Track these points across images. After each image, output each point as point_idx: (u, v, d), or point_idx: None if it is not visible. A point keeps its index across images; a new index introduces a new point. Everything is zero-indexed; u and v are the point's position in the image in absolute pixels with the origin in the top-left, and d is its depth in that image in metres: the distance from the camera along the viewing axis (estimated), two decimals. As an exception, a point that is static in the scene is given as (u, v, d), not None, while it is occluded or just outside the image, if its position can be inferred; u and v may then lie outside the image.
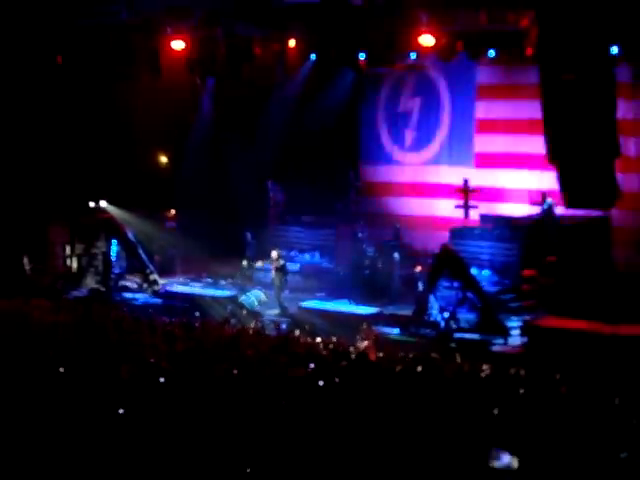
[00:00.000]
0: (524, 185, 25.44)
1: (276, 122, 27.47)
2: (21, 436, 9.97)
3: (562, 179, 19.63)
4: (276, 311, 22.98)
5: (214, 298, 23.04)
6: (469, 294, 20.52)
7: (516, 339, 19.54)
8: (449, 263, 20.78)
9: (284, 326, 20.33)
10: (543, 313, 20.14)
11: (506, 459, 9.07)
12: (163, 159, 28.22)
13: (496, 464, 9.01)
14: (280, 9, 23.12)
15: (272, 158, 27.55)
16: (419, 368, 13.74)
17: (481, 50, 23.06)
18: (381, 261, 24.83)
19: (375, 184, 28.49)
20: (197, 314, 20.78)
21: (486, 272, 23.40)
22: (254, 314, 22.45)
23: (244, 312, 22.09)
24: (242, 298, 23.40)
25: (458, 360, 16.19)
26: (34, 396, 10.97)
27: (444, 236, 24.49)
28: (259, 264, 24.69)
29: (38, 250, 24.98)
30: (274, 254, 24.15)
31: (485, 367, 14.55)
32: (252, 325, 19.90)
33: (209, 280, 25.42)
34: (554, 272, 20.89)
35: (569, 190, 19.50)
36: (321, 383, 11.82)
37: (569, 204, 20.21)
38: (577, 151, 18.48)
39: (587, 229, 21.86)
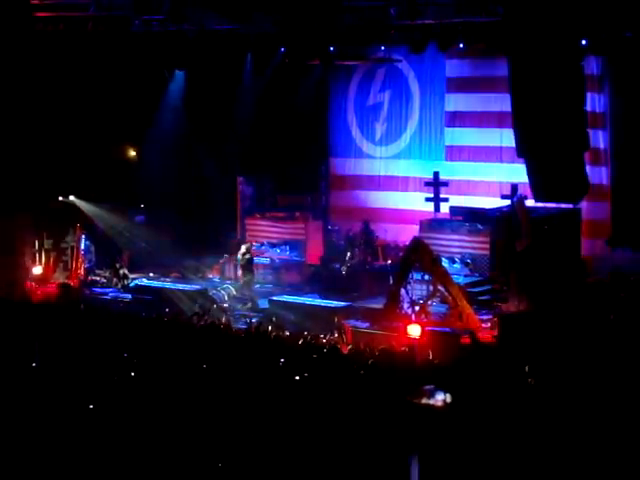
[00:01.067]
0: (494, 178, 25.45)
1: (246, 116, 27.36)
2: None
3: (531, 173, 19.66)
4: (246, 305, 22.99)
5: (184, 292, 22.80)
6: (440, 287, 20.43)
7: (486, 331, 19.57)
8: (420, 256, 20.67)
9: (254, 320, 20.19)
10: (512, 304, 20.01)
11: (440, 396, 9.20)
12: (132, 153, 28.05)
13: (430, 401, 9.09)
14: (249, 1, 23.00)
15: (241, 152, 27.56)
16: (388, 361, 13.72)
17: (451, 42, 22.94)
18: (351, 255, 24.73)
19: (345, 177, 28.30)
20: (167, 310, 20.64)
21: (457, 265, 23.31)
22: (224, 308, 22.52)
23: (214, 306, 21.99)
24: (212, 292, 23.45)
25: (430, 354, 16.24)
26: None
27: (415, 229, 24.34)
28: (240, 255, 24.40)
29: (5, 245, 24.51)
30: (243, 248, 24.12)
31: (455, 359, 14.56)
32: (222, 319, 19.80)
33: (179, 274, 25.43)
34: (522, 264, 20.62)
35: (537, 184, 19.50)
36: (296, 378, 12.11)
37: (537, 198, 20.25)
38: (546, 144, 18.43)
39: (558, 221, 21.70)
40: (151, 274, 25.45)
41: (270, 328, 18.23)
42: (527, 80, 18.88)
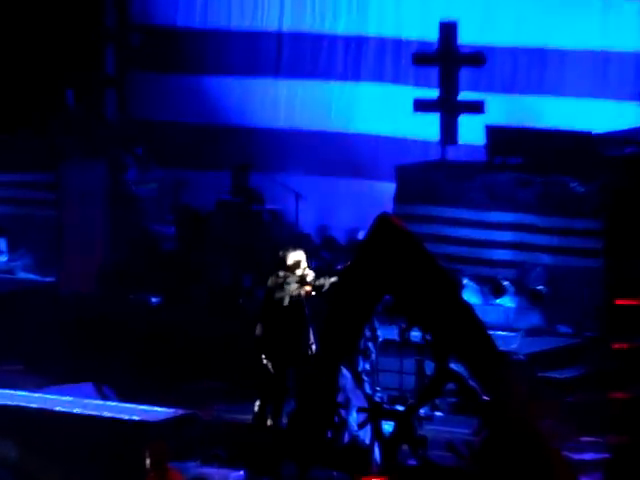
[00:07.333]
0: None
1: None
2: None
3: None
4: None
5: None
6: (453, 366, 16.12)
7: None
8: (396, 270, 15.38)
9: None
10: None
11: None
12: None
13: None
14: None
15: None
16: None
17: None
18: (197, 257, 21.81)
19: (174, 35, 24.63)
20: None
21: (506, 300, 20.18)
22: None
23: None
24: None
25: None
26: None
27: (387, 192, 21.00)
28: None
29: None
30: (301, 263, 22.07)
31: None
32: None
33: None
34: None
35: None
36: None
37: None
38: None
39: None
40: None
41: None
42: None
